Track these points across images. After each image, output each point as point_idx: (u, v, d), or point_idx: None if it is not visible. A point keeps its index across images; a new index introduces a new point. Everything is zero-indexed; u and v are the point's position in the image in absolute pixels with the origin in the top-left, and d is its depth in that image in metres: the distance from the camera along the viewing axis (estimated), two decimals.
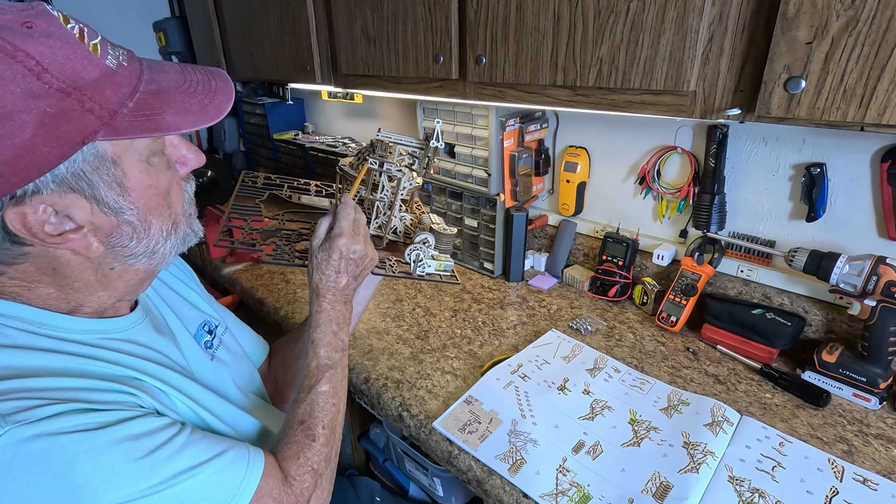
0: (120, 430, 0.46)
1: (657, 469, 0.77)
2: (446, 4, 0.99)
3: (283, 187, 0.97)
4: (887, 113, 0.59)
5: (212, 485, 0.50)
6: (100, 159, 0.46)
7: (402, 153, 0.88)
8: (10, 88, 0.40)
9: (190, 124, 0.49)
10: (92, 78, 0.44)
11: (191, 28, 1.93)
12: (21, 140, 0.41)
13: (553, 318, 1.19)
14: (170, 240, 0.56)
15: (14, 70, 0.40)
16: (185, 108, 0.49)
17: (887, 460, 0.78)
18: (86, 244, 0.49)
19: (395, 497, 1.16)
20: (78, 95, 0.43)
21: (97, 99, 0.44)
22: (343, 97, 1.77)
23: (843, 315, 0.98)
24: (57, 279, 0.51)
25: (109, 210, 0.49)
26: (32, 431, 0.42)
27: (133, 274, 0.56)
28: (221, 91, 0.52)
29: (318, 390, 0.67)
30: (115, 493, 0.44)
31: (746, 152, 1.04)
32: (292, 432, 0.64)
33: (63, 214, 0.47)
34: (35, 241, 0.46)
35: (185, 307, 0.74)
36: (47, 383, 0.47)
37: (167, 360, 0.61)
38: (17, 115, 0.40)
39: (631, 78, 0.79)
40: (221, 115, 0.51)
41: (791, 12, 0.62)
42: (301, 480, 0.60)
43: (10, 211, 0.44)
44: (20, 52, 0.40)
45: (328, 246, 0.72)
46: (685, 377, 0.98)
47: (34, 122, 0.41)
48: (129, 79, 0.47)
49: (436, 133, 0.86)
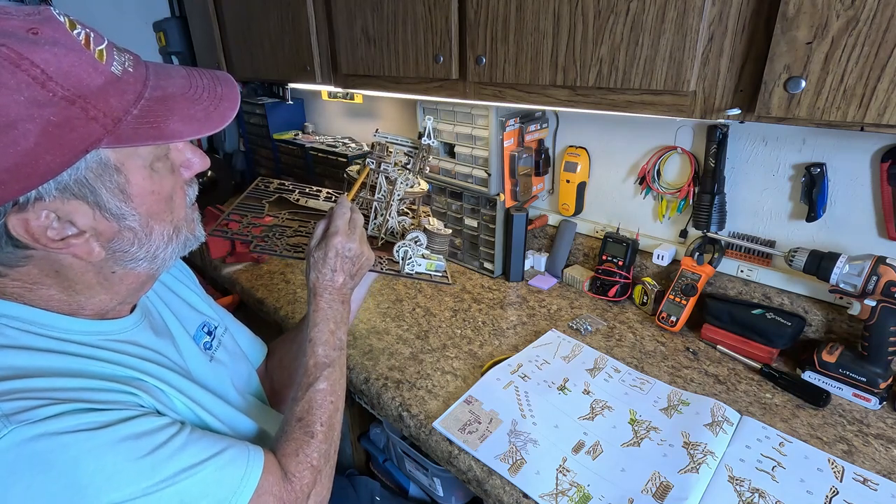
0: (121, 430, 0.47)
1: (657, 469, 0.77)
2: (446, 4, 0.99)
3: (294, 192, 0.98)
4: (887, 113, 0.59)
5: (212, 482, 0.51)
6: (103, 166, 0.46)
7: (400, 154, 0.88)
8: (15, 97, 0.40)
9: (194, 132, 0.49)
10: (97, 85, 0.44)
11: (191, 28, 1.93)
12: (24, 148, 0.41)
13: (553, 318, 1.19)
14: (171, 245, 0.56)
15: (19, 79, 0.40)
16: (190, 115, 0.49)
17: (887, 460, 0.78)
18: (87, 249, 0.49)
19: (394, 497, 1.16)
20: (82, 104, 0.43)
21: (101, 107, 0.44)
22: (343, 97, 1.77)
23: (843, 315, 0.98)
24: (60, 281, 0.52)
25: (111, 216, 0.49)
26: (35, 431, 0.42)
27: (134, 278, 0.57)
28: (227, 98, 0.52)
29: (316, 388, 0.67)
30: (118, 492, 0.45)
31: (746, 152, 1.04)
32: (291, 429, 0.64)
33: (65, 220, 0.47)
34: (38, 245, 0.47)
35: (185, 308, 0.74)
36: (49, 383, 0.47)
37: (166, 360, 0.61)
38: (21, 123, 0.40)
39: (631, 78, 0.79)
40: (226, 122, 0.51)
41: (791, 12, 0.62)
42: (300, 477, 0.60)
43: (13, 217, 0.44)
44: (25, 61, 0.40)
45: (324, 245, 0.73)
46: (685, 377, 0.98)
47: (37, 131, 0.41)
48: (134, 85, 0.47)
49: (427, 130, 0.86)
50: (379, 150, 0.85)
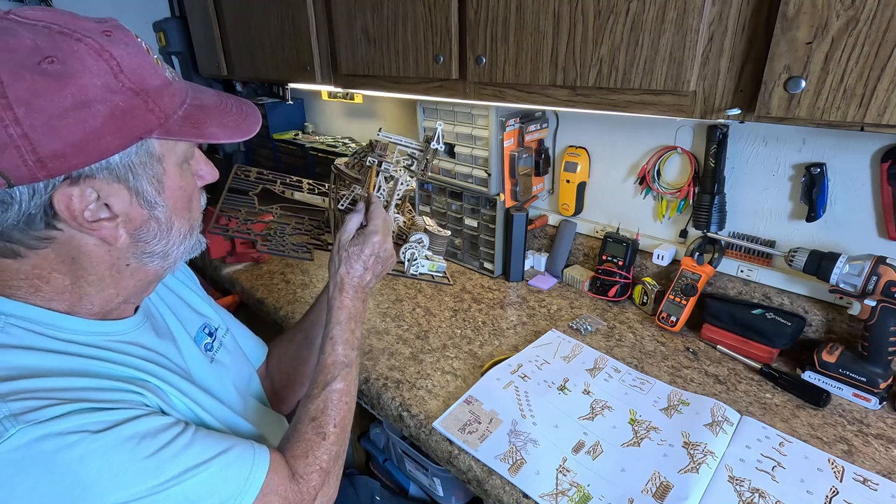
0: (127, 429, 0.47)
1: (657, 469, 0.77)
2: (446, 4, 0.99)
3: (276, 182, 0.98)
4: (887, 113, 0.59)
5: (218, 481, 0.51)
6: (149, 155, 0.51)
7: (400, 154, 0.88)
8: (94, 81, 0.45)
9: (227, 136, 0.55)
10: (155, 85, 0.50)
11: (191, 28, 1.93)
12: (92, 127, 0.46)
13: (553, 318, 1.19)
14: (184, 243, 0.59)
15: (100, 66, 0.46)
16: (224, 122, 0.55)
17: (887, 460, 0.78)
18: (115, 234, 0.52)
19: (394, 496, 1.16)
20: (144, 97, 0.49)
21: (158, 103, 0.50)
22: (343, 97, 1.77)
23: (843, 315, 0.98)
24: (73, 269, 0.53)
25: (145, 203, 0.53)
26: (42, 431, 0.43)
27: (144, 274, 0.58)
28: (251, 115, 0.59)
29: (333, 387, 0.67)
30: (123, 491, 0.45)
31: (746, 152, 1.04)
32: (304, 428, 0.64)
33: (103, 202, 0.50)
34: (72, 223, 0.49)
35: (186, 310, 0.74)
36: (55, 383, 0.48)
37: (168, 361, 0.61)
38: (94, 104, 0.45)
39: (631, 78, 0.79)
40: (252, 133, 0.58)
41: (791, 12, 0.62)
42: (308, 479, 0.60)
43: (61, 191, 0.47)
44: (106, 52, 0.46)
45: (361, 241, 0.74)
46: (685, 377, 0.98)
47: (106, 113, 0.46)
48: (180, 92, 0.53)
49: (437, 135, 0.86)
50: (380, 150, 0.85)
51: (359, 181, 0.87)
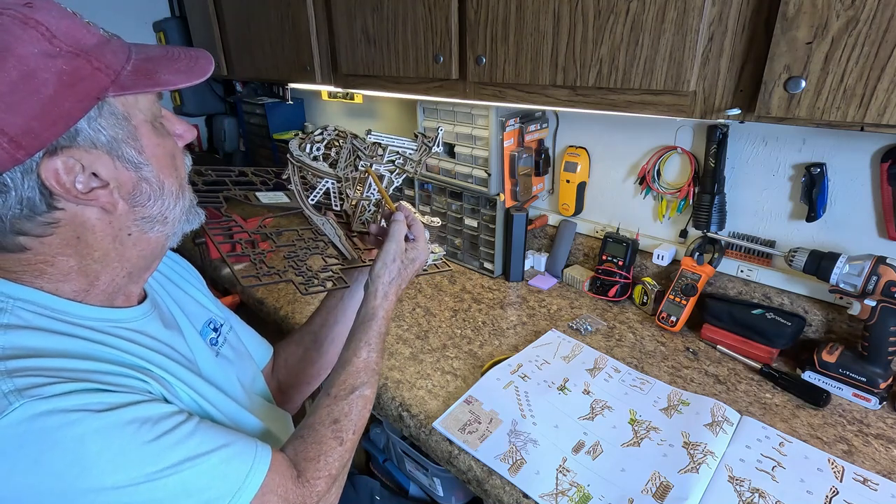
0: (130, 412, 0.47)
1: (657, 469, 0.77)
2: (446, 4, 0.99)
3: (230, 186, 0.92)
4: (887, 113, 0.59)
5: (217, 475, 0.51)
6: (114, 116, 0.51)
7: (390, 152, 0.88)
8: (30, 49, 0.45)
9: (182, 81, 0.55)
10: (92, 44, 0.49)
11: (191, 28, 1.93)
12: (46, 95, 0.46)
13: (553, 318, 1.19)
14: (178, 204, 0.59)
15: (30, 35, 0.45)
16: (175, 69, 0.55)
17: (887, 460, 0.78)
18: (112, 200, 0.52)
19: (394, 496, 1.16)
20: (86, 57, 0.48)
21: (102, 60, 0.49)
22: (343, 97, 1.77)
23: (843, 315, 0.98)
24: (79, 248, 0.53)
25: (130, 164, 0.53)
26: (45, 407, 0.43)
27: (146, 244, 0.58)
28: (202, 57, 0.58)
29: (361, 393, 0.66)
30: (121, 475, 0.45)
31: (746, 152, 1.04)
32: (323, 430, 0.62)
33: (90, 172, 0.50)
34: (69, 198, 0.49)
35: (192, 304, 0.74)
36: (61, 364, 0.48)
37: (174, 352, 0.61)
38: (39, 73, 0.45)
39: (631, 78, 0.79)
40: (206, 74, 0.57)
41: (791, 12, 0.62)
42: (315, 484, 0.59)
43: (45, 166, 0.47)
44: (31, 20, 0.46)
45: (413, 257, 0.76)
46: (685, 377, 0.98)
47: (54, 80, 0.46)
48: (123, 48, 0.53)
49: (438, 139, 0.86)
50: (371, 151, 0.85)
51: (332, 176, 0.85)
